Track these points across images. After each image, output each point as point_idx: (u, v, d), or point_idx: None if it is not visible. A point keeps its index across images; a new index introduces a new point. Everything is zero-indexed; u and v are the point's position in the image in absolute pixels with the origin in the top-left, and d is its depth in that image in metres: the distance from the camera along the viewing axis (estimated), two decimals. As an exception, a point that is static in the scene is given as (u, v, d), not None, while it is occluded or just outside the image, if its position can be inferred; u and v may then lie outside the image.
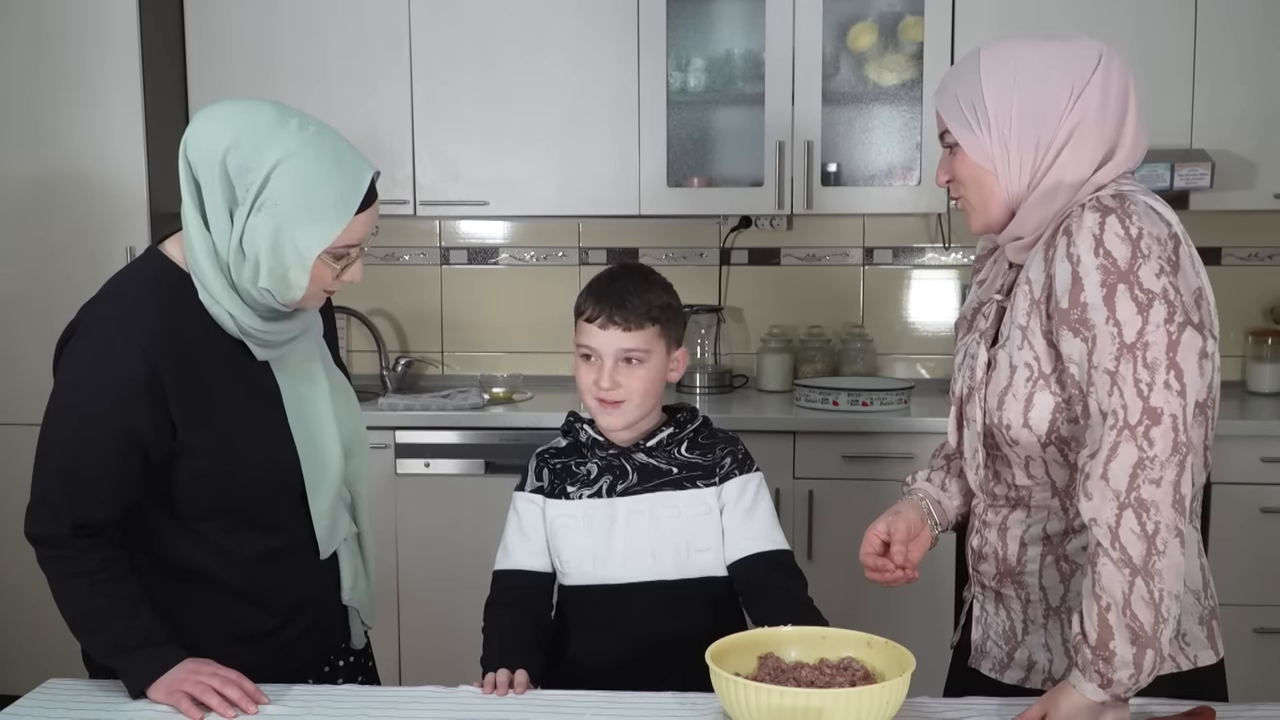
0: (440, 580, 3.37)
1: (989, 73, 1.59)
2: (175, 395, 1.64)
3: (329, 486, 1.79)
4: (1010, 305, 1.62)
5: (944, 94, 1.65)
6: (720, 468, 1.92)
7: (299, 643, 1.84)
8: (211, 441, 1.68)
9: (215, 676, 1.65)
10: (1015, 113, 1.57)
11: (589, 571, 1.89)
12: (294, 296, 1.66)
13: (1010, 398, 1.59)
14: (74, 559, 1.66)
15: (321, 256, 1.62)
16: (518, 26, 3.52)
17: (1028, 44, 1.61)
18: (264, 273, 1.62)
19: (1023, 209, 1.60)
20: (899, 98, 3.54)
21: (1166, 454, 1.43)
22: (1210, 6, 3.31)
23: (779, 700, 1.45)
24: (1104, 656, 1.45)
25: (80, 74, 3.44)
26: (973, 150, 1.61)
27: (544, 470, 1.95)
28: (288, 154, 1.58)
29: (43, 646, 2.65)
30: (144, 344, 1.62)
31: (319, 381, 1.80)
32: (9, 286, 3.50)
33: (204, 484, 1.70)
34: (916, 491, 1.83)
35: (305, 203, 1.58)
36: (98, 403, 1.62)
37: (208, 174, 1.59)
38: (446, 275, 3.99)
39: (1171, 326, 1.45)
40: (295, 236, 1.60)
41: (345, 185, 1.61)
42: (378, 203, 1.68)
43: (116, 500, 1.67)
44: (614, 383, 1.86)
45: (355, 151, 1.66)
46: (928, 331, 3.86)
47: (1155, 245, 1.48)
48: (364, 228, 1.66)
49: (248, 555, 1.76)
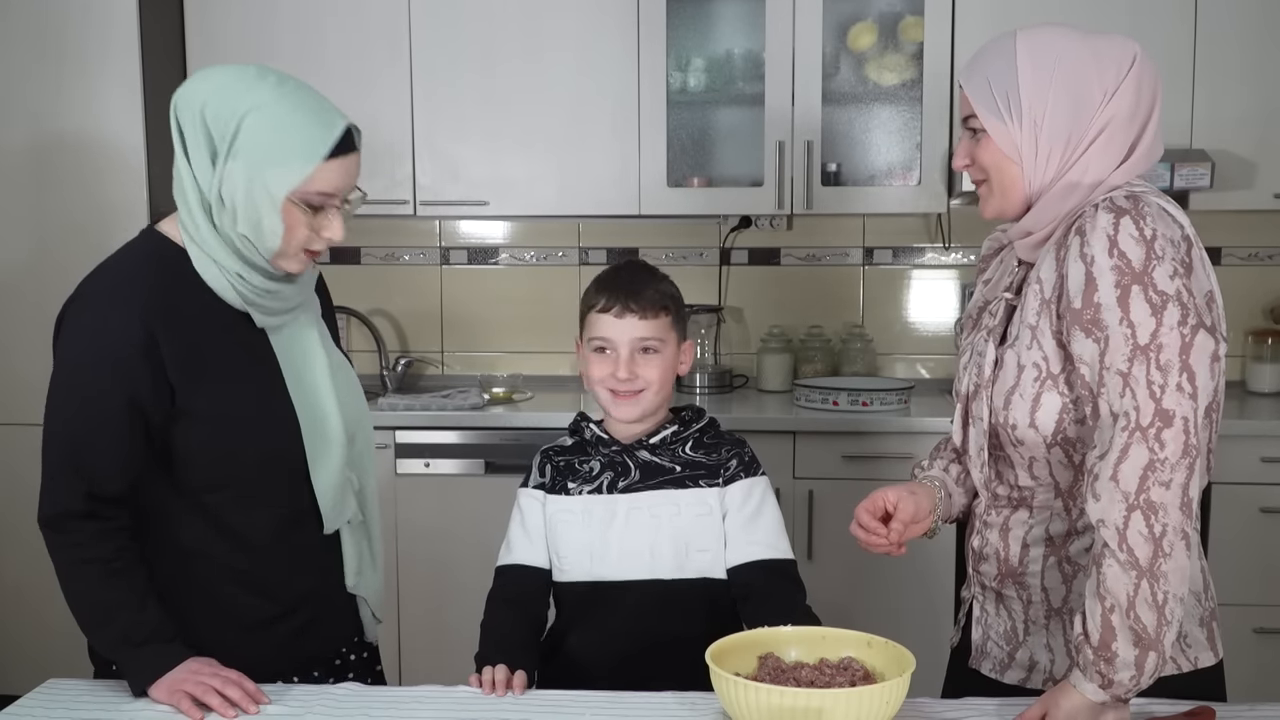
0: (440, 580, 3.37)
1: (1026, 62, 1.56)
2: (172, 359, 1.66)
3: (332, 457, 1.79)
4: (1020, 304, 1.61)
5: (974, 77, 1.60)
6: (725, 469, 1.91)
7: (306, 634, 1.84)
8: (210, 406, 1.69)
9: (216, 676, 1.66)
10: (1050, 107, 1.55)
11: (586, 567, 1.89)
12: (272, 245, 1.68)
13: (1017, 397, 1.59)
14: (86, 544, 1.66)
15: (294, 202, 1.65)
16: (518, 26, 3.52)
17: (1066, 35, 1.57)
18: (241, 218, 1.65)
19: (1040, 204, 1.59)
20: (899, 98, 3.54)
21: (1177, 456, 1.43)
22: (1210, 6, 3.31)
23: (779, 700, 1.45)
24: (1106, 658, 1.45)
25: (81, 75, 3.44)
26: (1001, 139, 1.58)
27: (547, 466, 1.96)
28: (260, 103, 1.64)
29: (43, 646, 2.66)
30: (139, 310, 1.65)
31: (317, 354, 1.81)
32: (7, 280, 3.50)
33: (205, 452, 1.71)
34: (934, 479, 1.79)
35: (275, 146, 1.63)
36: (98, 375, 1.64)
37: (190, 124, 1.66)
38: (446, 275, 3.99)
39: (1185, 329, 1.44)
40: (266, 179, 1.64)
41: (316, 130, 1.65)
42: (356, 157, 1.71)
43: (125, 471, 1.68)
44: (632, 373, 1.86)
45: (331, 105, 1.70)
46: (928, 331, 3.86)
47: (1169, 247, 1.47)
48: (337, 176, 1.68)
49: (251, 534, 1.76)
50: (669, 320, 1.90)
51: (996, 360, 1.62)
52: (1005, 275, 1.72)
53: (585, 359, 1.92)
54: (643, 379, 1.87)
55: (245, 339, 1.74)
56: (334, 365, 1.85)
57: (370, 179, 3.68)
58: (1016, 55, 1.56)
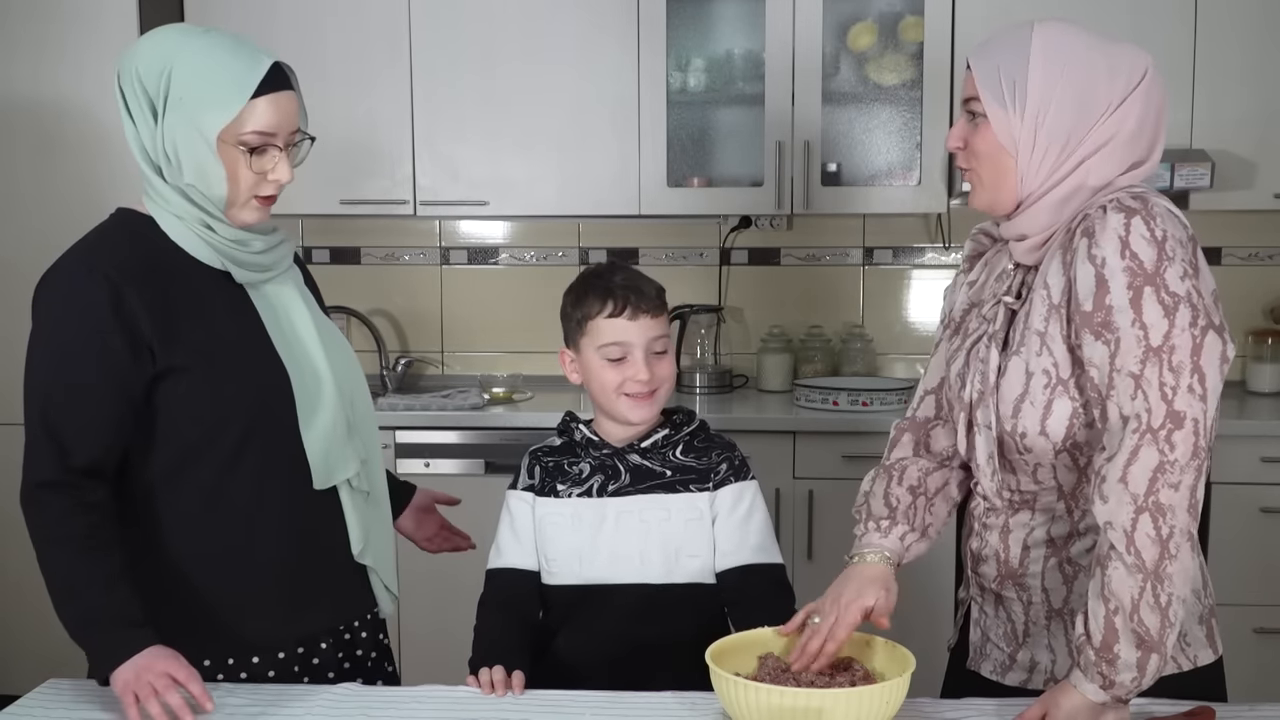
0: (440, 580, 3.35)
1: (1040, 54, 1.54)
2: (146, 314, 1.66)
3: (324, 409, 1.78)
4: (1026, 309, 1.59)
5: (984, 60, 1.58)
6: (715, 473, 1.89)
7: (311, 603, 1.81)
8: (189, 357, 1.69)
9: (163, 677, 1.59)
10: (1055, 104, 1.53)
11: (575, 571, 1.87)
12: (219, 192, 1.69)
13: (1027, 405, 1.57)
14: (60, 520, 1.64)
15: (228, 142, 1.67)
16: (518, 27, 3.52)
17: (1083, 37, 1.56)
18: (185, 168, 1.68)
19: (1036, 208, 1.57)
20: (899, 98, 3.54)
21: (1187, 458, 1.43)
22: (1210, 7, 3.31)
23: (779, 700, 1.45)
24: (1108, 659, 1.44)
25: (80, 75, 3.44)
26: (1000, 128, 1.57)
27: (536, 468, 1.94)
28: (185, 52, 1.68)
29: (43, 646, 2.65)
30: (106, 270, 1.66)
31: (299, 309, 1.81)
32: (8, 280, 3.50)
33: (190, 408, 1.70)
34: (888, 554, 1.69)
35: (204, 90, 1.66)
36: (69, 336, 1.66)
37: (129, 87, 1.69)
38: (446, 275, 3.99)
39: (1195, 330, 1.44)
40: (199, 123, 1.66)
41: (241, 70, 1.68)
42: (291, 96, 1.73)
43: (101, 435, 1.67)
44: (651, 374, 1.84)
45: (256, 46, 1.72)
46: (928, 331, 3.85)
47: (1179, 248, 1.47)
48: (271, 115, 1.69)
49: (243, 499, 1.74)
50: (667, 315, 1.90)
51: (1000, 368, 1.61)
52: (995, 278, 1.70)
53: (590, 368, 1.87)
54: (658, 378, 1.86)
55: (226, 297, 1.75)
56: (319, 323, 1.84)
57: (370, 179, 3.70)
58: (1030, 46, 1.54)
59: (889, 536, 1.71)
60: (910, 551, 1.71)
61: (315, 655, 1.83)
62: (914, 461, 1.77)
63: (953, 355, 1.72)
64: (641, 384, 1.84)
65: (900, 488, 1.74)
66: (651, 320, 1.85)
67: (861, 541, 1.72)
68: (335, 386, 1.80)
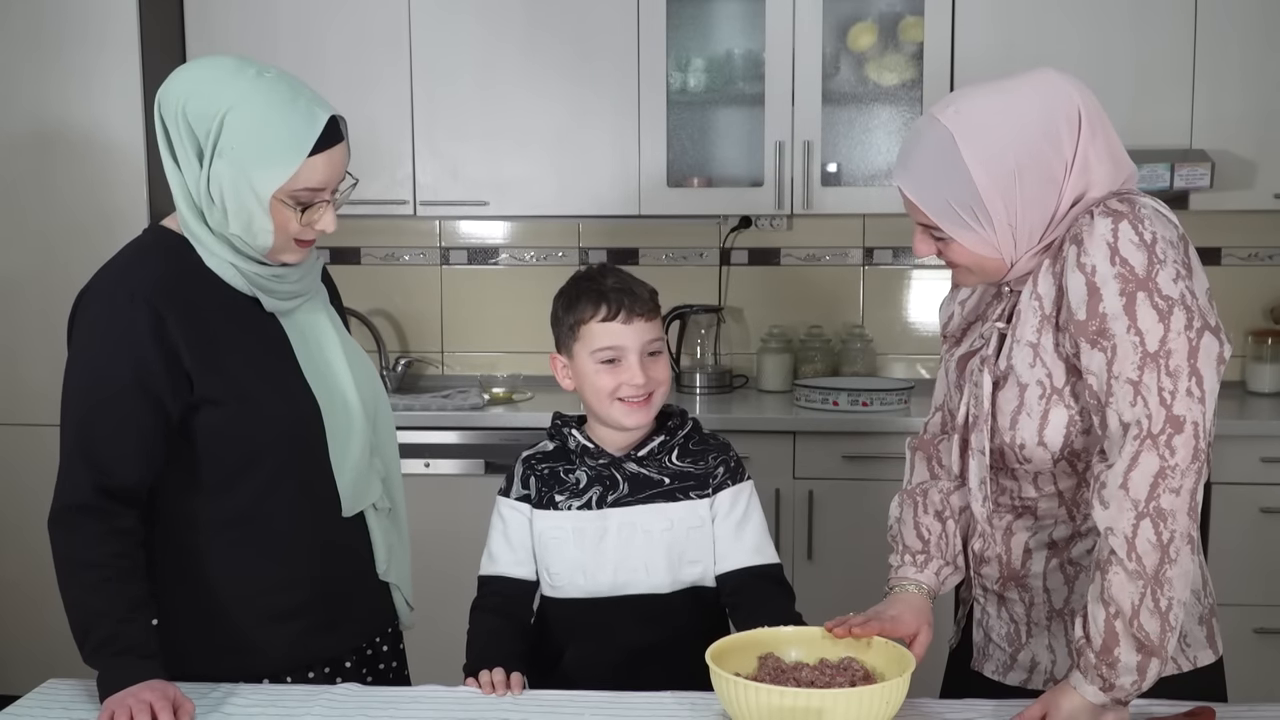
0: (440, 580, 3.36)
1: (980, 170, 1.50)
2: (185, 343, 1.65)
3: (353, 438, 1.78)
4: (1016, 324, 1.59)
5: (924, 192, 1.54)
6: (713, 477, 1.87)
7: (338, 624, 1.82)
8: (227, 390, 1.68)
9: (143, 704, 1.56)
10: (1020, 205, 1.51)
11: (580, 584, 1.86)
12: (263, 243, 1.67)
13: (1024, 417, 1.57)
14: (89, 544, 1.62)
15: (282, 199, 1.64)
16: (518, 27, 3.52)
17: (998, 113, 1.51)
18: (231, 219, 1.65)
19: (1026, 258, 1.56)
20: (899, 98, 3.54)
21: (1187, 462, 1.42)
22: (1210, 7, 3.31)
23: (779, 700, 1.45)
24: (1108, 662, 1.44)
25: (80, 76, 3.44)
26: (973, 243, 1.55)
27: (530, 478, 1.90)
28: (240, 99, 1.61)
29: (43, 646, 2.66)
30: (147, 294, 1.64)
31: (330, 337, 1.81)
32: (8, 280, 3.50)
33: (225, 438, 1.70)
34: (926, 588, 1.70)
35: (258, 145, 1.61)
36: (108, 359, 1.64)
37: (173, 124, 1.65)
38: (446, 275, 3.99)
39: (1191, 333, 1.44)
40: (252, 179, 1.62)
41: (299, 126, 1.62)
42: (343, 147, 1.68)
43: (135, 460, 1.65)
44: (647, 378, 1.82)
45: (314, 94, 1.67)
46: (928, 331, 3.85)
47: (1170, 249, 1.46)
48: (325, 171, 1.66)
49: (275, 524, 1.74)
50: (660, 317, 1.89)
51: (993, 387, 1.60)
52: (987, 301, 1.70)
53: (584, 373, 1.85)
54: (653, 381, 1.84)
55: (257, 324, 1.74)
56: (348, 348, 1.84)
57: (370, 179, 3.70)
58: (965, 163, 1.50)
59: (924, 571, 1.71)
60: (945, 585, 1.73)
61: (340, 674, 1.84)
62: (934, 485, 1.75)
63: (951, 369, 1.73)
64: (637, 388, 1.82)
65: (928, 516, 1.73)
66: (646, 323, 1.84)
67: (898, 574, 1.73)
68: (363, 414, 1.81)
